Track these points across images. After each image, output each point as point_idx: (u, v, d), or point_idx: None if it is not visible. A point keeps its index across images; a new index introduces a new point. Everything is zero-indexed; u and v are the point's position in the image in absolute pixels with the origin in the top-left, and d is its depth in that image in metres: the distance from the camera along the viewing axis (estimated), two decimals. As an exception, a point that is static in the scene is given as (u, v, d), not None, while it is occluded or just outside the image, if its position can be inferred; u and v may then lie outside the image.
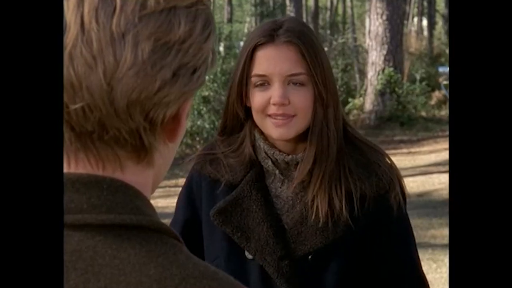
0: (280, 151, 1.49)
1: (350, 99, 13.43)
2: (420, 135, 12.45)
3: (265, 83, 1.45)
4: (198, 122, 10.09)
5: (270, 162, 1.50)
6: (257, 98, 1.46)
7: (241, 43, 15.45)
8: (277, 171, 1.50)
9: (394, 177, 1.51)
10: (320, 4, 25.18)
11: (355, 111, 13.42)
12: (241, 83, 1.47)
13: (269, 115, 1.45)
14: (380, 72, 13.10)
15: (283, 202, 1.51)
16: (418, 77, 14.29)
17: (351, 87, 14.64)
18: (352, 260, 1.48)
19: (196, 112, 10.15)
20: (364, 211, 1.46)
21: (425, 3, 25.84)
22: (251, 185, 1.50)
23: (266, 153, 1.50)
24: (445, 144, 11.12)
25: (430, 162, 9.81)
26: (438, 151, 10.72)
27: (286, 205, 1.51)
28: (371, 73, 13.38)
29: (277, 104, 1.43)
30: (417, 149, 11.19)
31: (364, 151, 1.52)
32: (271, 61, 1.44)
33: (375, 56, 13.22)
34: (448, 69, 9.59)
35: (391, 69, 13.04)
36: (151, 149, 0.67)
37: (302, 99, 1.44)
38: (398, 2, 13.35)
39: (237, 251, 1.49)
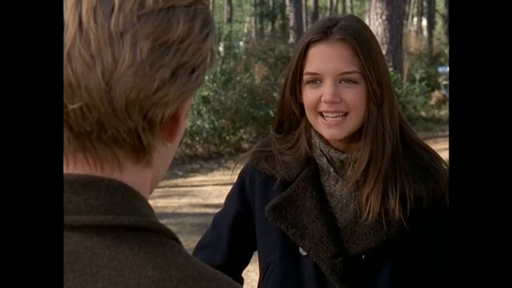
0: (335, 149, 1.49)
1: (349, 99, 13.41)
2: (419, 135, 12.35)
3: (316, 80, 1.45)
4: (198, 122, 10.08)
5: (325, 160, 1.50)
6: (308, 96, 1.46)
7: (241, 43, 15.43)
8: (331, 169, 1.50)
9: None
10: (319, 4, 25.17)
11: (354, 111, 13.41)
12: (294, 79, 1.47)
13: (321, 113, 1.45)
14: (380, 72, 13.10)
15: (336, 201, 1.51)
16: (417, 77, 14.29)
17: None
18: (405, 261, 1.49)
19: (195, 112, 10.14)
20: (419, 214, 1.46)
21: (425, 3, 25.84)
22: (306, 182, 1.50)
23: (321, 150, 1.50)
24: (445, 144, 11.12)
25: (429, 162, 9.80)
26: (438, 151, 10.57)
27: (339, 203, 1.51)
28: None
29: (328, 102, 1.43)
30: (416, 149, 11.18)
31: (421, 153, 1.52)
32: (324, 59, 1.43)
33: (375, 56, 13.23)
34: (447, 69, 9.58)
35: (391, 69, 13.03)
36: (149, 149, 0.67)
37: (354, 96, 1.43)
38: (397, 2, 13.35)
39: (291, 247, 1.50)
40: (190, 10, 0.66)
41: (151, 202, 0.71)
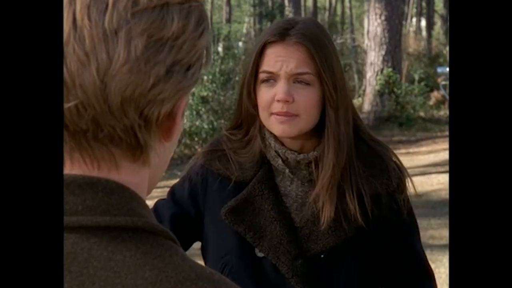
0: (290, 150, 1.50)
1: (348, 100, 13.41)
2: (418, 136, 12.45)
3: (271, 79, 1.47)
4: (197, 123, 10.08)
5: (280, 161, 1.51)
6: (263, 95, 1.48)
7: (240, 44, 15.43)
8: (287, 170, 1.51)
9: (402, 174, 1.54)
10: (318, 4, 25.19)
11: (353, 112, 13.41)
12: (250, 79, 1.49)
13: (273, 114, 1.46)
14: (379, 73, 13.10)
15: (292, 201, 1.52)
16: (416, 77, 14.30)
17: (350, 87, 14.61)
18: (365, 258, 1.51)
19: (194, 113, 10.14)
20: (376, 210, 1.48)
21: (424, 4, 25.86)
22: (262, 183, 1.50)
23: (276, 152, 1.51)
24: (444, 145, 11.12)
25: (428, 163, 9.81)
26: (437, 151, 10.72)
27: (295, 203, 1.52)
28: (369, 73, 13.38)
29: (281, 101, 1.44)
30: (415, 149, 11.19)
31: (374, 150, 1.54)
32: (279, 59, 1.45)
33: (374, 57, 13.22)
34: (446, 69, 9.57)
35: (390, 69, 13.04)
36: (146, 148, 0.66)
37: (306, 98, 1.45)
38: (396, 2, 13.35)
39: (248, 248, 1.50)
40: (185, 7, 0.66)
41: (149, 202, 0.70)
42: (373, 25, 13.20)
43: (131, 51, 0.62)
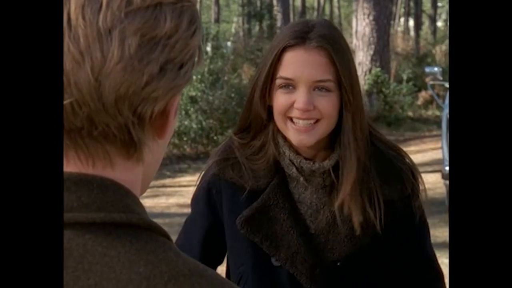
0: (305, 158, 1.47)
1: (337, 99, 13.46)
2: (407, 135, 12.51)
3: (290, 85, 1.43)
4: (186, 122, 10.07)
5: (294, 169, 1.48)
6: (280, 100, 1.44)
7: (229, 43, 15.44)
8: (301, 178, 1.48)
9: (416, 178, 1.52)
10: (307, 4, 25.24)
11: (342, 111, 13.46)
12: (265, 83, 1.44)
13: (291, 118, 1.43)
14: (367, 72, 13.15)
15: (306, 207, 1.50)
16: (405, 77, 14.36)
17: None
18: (381, 264, 1.50)
19: (183, 112, 10.13)
20: (390, 216, 1.46)
21: (412, 4, 25.98)
22: (277, 192, 1.48)
23: (291, 160, 1.48)
24: (432, 144, 11.18)
25: (417, 162, 9.74)
26: (425, 151, 10.77)
27: (309, 210, 1.49)
28: (358, 73, 13.43)
29: (301, 110, 1.41)
30: (404, 149, 11.21)
31: (388, 154, 1.52)
32: (299, 65, 1.41)
33: (362, 56, 13.27)
34: (435, 69, 9.62)
35: (378, 69, 13.09)
36: (140, 145, 0.67)
37: (327, 104, 1.42)
38: (385, 2, 13.41)
39: (264, 257, 1.48)
40: (177, 7, 0.66)
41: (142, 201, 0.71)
42: (361, 25, 13.24)
43: (125, 50, 0.63)
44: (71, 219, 0.63)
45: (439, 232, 5.51)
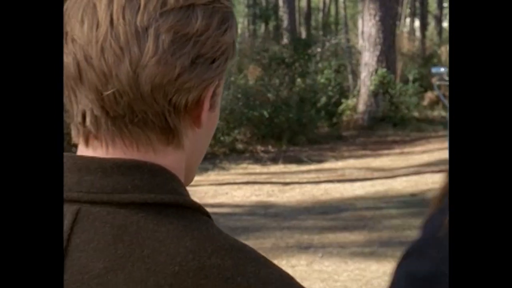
0: None
1: (343, 100, 13.46)
2: (413, 136, 12.50)
3: None
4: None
5: None
6: None
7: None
8: None
9: None
10: (312, 5, 25.21)
11: (348, 112, 13.45)
12: None
13: None
14: (373, 73, 13.15)
15: None
16: (411, 77, 14.35)
17: (344, 87, 14.66)
18: None
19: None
20: None
21: (417, 4, 25.91)
22: None
23: None
24: (438, 144, 11.16)
25: (423, 162, 9.86)
26: (431, 151, 10.77)
27: None
28: (364, 73, 13.42)
29: None
30: (410, 149, 11.24)
31: None
32: None
33: (368, 57, 13.27)
34: (441, 69, 9.59)
35: (384, 70, 13.09)
36: (177, 132, 0.74)
37: None
38: (390, 3, 13.41)
39: None
40: (209, 8, 0.73)
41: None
42: (367, 26, 13.24)
43: (159, 45, 0.70)
44: (126, 199, 0.71)
45: (445, 232, 5.51)
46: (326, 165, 10.12)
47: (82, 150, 0.75)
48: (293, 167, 9.90)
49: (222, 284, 0.68)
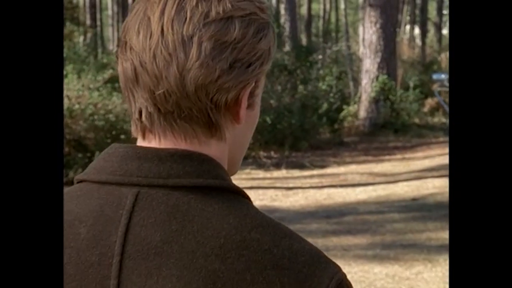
0: None
1: (344, 106, 13.54)
2: (413, 142, 12.56)
3: None
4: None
5: None
6: None
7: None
8: None
9: None
10: (313, 12, 25.25)
11: (349, 118, 13.54)
12: None
13: None
14: (374, 80, 13.23)
15: None
16: (411, 84, 14.41)
17: (346, 94, 14.74)
18: None
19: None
20: None
21: (417, 12, 25.98)
22: None
23: None
24: (438, 150, 11.22)
25: (424, 167, 9.92)
26: (432, 156, 10.83)
27: None
28: (365, 80, 13.50)
29: None
30: (411, 155, 11.30)
31: None
32: None
33: (369, 64, 13.36)
34: (442, 76, 9.62)
35: (385, 76, 13.16)
36: (219, 126, 0.86)
37: None
38: (391, 10, 13.50)
39: None
40: (245, 19, 0.85)
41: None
42: (368, 33, 13.33)
43: (202, 51, 0.82)
44: (178, 183, 0.82)
45: (447, 235, 5.59)
46: (329, 170, 10.19)
47: (140, 142, 0.87)
48: (296, 173, 9.97)
49: (261, 255, 0.80)
